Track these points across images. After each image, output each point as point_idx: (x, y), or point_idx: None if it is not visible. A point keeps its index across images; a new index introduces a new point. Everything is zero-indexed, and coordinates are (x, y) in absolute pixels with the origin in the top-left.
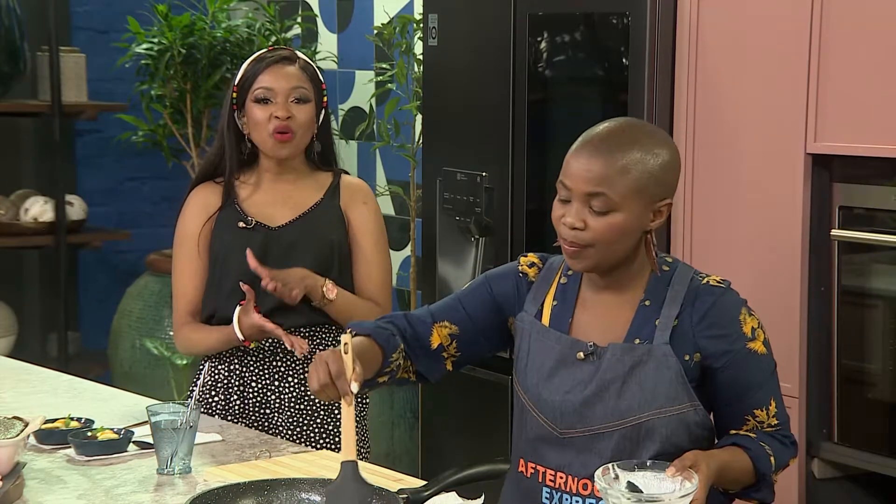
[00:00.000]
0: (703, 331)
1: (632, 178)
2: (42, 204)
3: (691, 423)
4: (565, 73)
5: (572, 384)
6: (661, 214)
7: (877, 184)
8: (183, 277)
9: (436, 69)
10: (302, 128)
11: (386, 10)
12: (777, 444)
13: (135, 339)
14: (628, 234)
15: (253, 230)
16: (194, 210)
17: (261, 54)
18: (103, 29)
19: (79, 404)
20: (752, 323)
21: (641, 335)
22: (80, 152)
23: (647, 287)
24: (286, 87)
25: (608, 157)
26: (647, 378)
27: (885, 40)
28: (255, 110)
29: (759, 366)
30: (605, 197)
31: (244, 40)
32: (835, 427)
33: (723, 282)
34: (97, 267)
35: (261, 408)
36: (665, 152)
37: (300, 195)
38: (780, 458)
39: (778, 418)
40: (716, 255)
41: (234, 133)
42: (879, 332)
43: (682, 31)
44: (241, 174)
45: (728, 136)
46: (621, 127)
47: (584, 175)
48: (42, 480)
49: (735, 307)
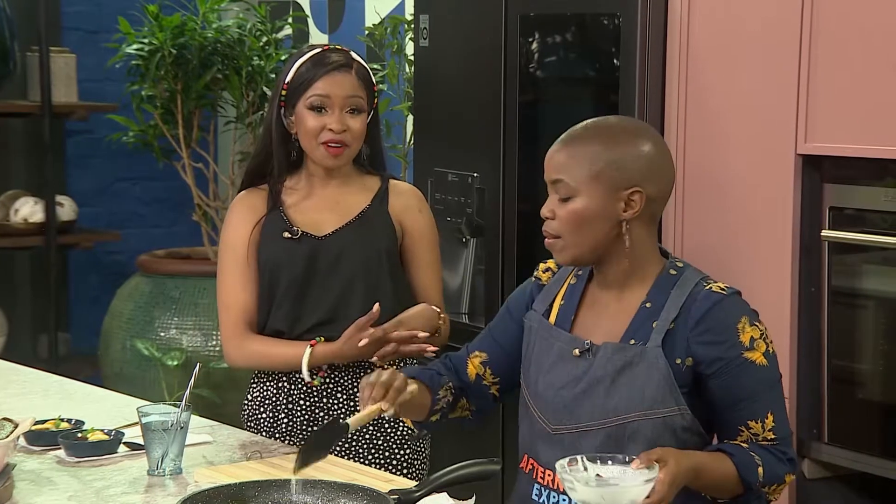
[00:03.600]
0: (697, 336)
1: (587, 164)
2: (32, 205)
3: (678, 428)
4: (556, 74)
5: (566, 380)
6: (633, 204)
7: (867, 184)
8: (234, 287)
9: (427, 70)
10: (355, 139)
11: (377, 10)
12: (770, 457)
13: (125, 339)
14: (593, 221)
15: (299, 241)
16: (241, 216)
17: (317, 55)
18: (94, 29)
19: (69, 405)
20: (752, 333)
21: (637, 336)
22: (70, 153)
23: (651, 289)
24: (342, 96)
25: (569, 147)
26: (635, 379)
27: (875, 41)
28: (308, 118)
29: (754, 377)
30: (564, 183)
31: (235, 41)
32: (825, 427)
33: (727, 289)
34: (88, 268)
35: (309, 425)
36: (633, 144)
37: (347, 200)
38: (771, 471)
39: (776, 433)
40: (707, 256)
41: (280, 133)
42: (870, 332)
43: (673, 32)
44: (287, 177)
45: (718, 137)
46: (591, 121)
47: (550, 164)
48: (32, 482)
49: (734, 315)
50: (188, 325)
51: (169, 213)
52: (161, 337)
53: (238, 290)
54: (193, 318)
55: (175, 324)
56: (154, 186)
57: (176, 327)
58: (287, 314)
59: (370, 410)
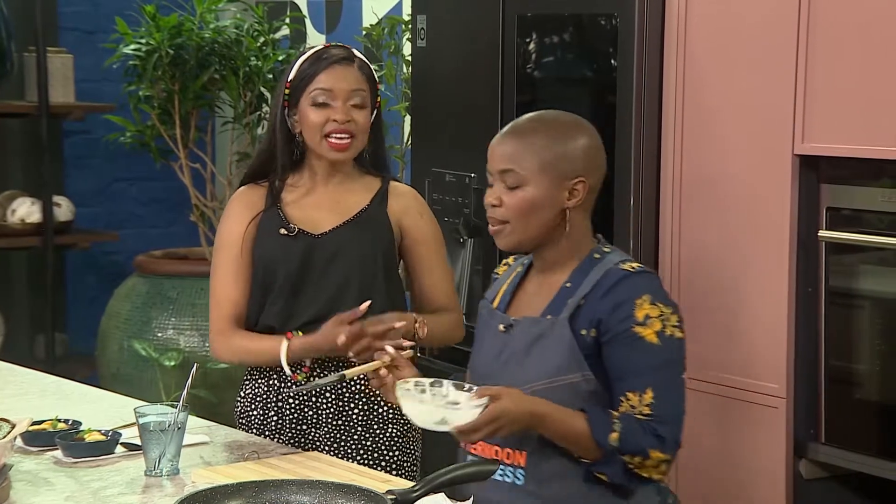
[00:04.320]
0: (600, 306)
1: (537, 155)
2: (29, 205)
3: (583, 392)
4: (554, 75)
5: (493, 354)
6: (577, 193)
7: (864, 185)
8: (226, 282)
9: (424, 70)
10: (361, 132)
11: (374, 11)
12: (635, 426)
13: (122, 340)
14: (540, 209)
15: (295, 238)
16: (237, 211)
17: (318, 52)
18: (91, 29)
19: (66, 406)
20: (649, 311)
21: (552, 311)
22: (67, 153)
23: (574, 270)
24: (346, 90)
25: (517, 138)
26: (545, 349)
27: (872, 41)
28: (311, 112)
29: (641, 352)
30: (513, 172)
31: (232, 41)
32: (822, 427)
33: (639, 268)
34: (85, 268)
35: (297, 424)
36: (576, 137)
37: (347, 199)
38: (631, 440)
39: (653, 410)
40: (704, 257)
41: (284, 133)
42: (867, 332)
43: (671, 32)
44: (288, 175)
45: (716, 138)
46: (534, 115)
47: (498, 155)
48: (29, 482)
49: (636, 290)
50: (185, 326)
51: (166, 214)
52: (158, 337)
53: (229, 286)
54: (191, 318)
55: (172, 324)
56: (151, 187)
57: (173, 328)
58: (280, 311)
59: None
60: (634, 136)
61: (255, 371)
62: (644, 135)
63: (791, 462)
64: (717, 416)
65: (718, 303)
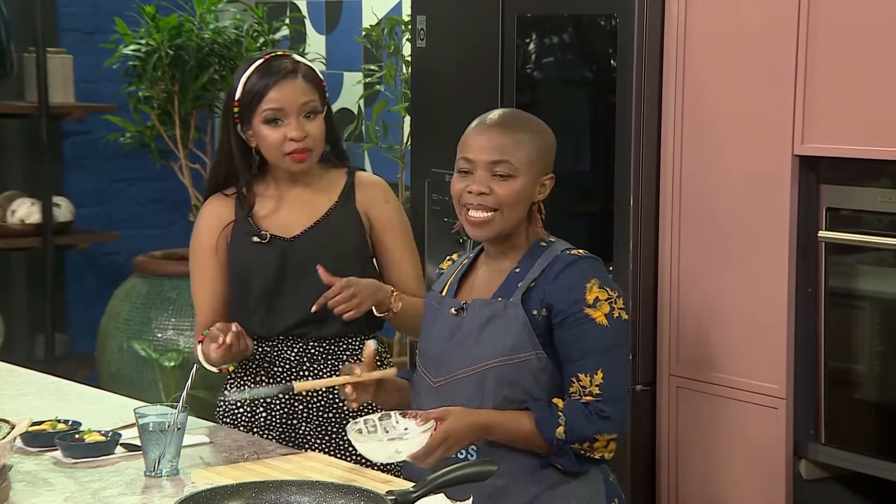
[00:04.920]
0: (551, 289)
1: (526, 150)
2: (29, 205)
3: (535, 370)
4: (553, 75)
5: (444, 337)
6: (545, 188)
7: (863, 185)
8: (203, 292)
9: (424, 71)
10: (317, 143)
11: (374, 11)
12: (579, 416)
13: (122, 341)
14: (524, 201)
15: (268, 244)
16: (208, 222)
17: (261, 67)
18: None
19: (66, 406)
20: (598, 294)
21: (503, 294)
22: (67, 153)
23: (522, 257)
24: (296, 104)
25: (506, 132)
26: (498, 329)
27: (872, 42)
28: (266, 131)
29: (592, 333)
30: (507, 163)
31: (232, 42)
32: (822, 428)
33: (585, 254)
34: (84, 269)
35: (288, 419)
36: (545, 136)
37: (315, 200)
38: (577, 430)
39: (602, 389)
40: (703, 257)
41: (240, 149)
42: (866, 333)
43: (670, 33)
44: (254, 185)
45: (715, 138)
46: (510, 112)
47: (487, 146)
48: (29, 483)
49: (585, 274)
50: (185, 326)
51: (166, 214)
52: (158, 338)
53: (208, 293)
54: (190, 318)
55: (172, 325)
56: (151, 187)
57: (173, 328)
58: (263, 319)
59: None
60: (634, 137)
61: (240, 374)
62: (644, 135)
63: (791, 462)
64: (717, 416)
65: (718, 303)
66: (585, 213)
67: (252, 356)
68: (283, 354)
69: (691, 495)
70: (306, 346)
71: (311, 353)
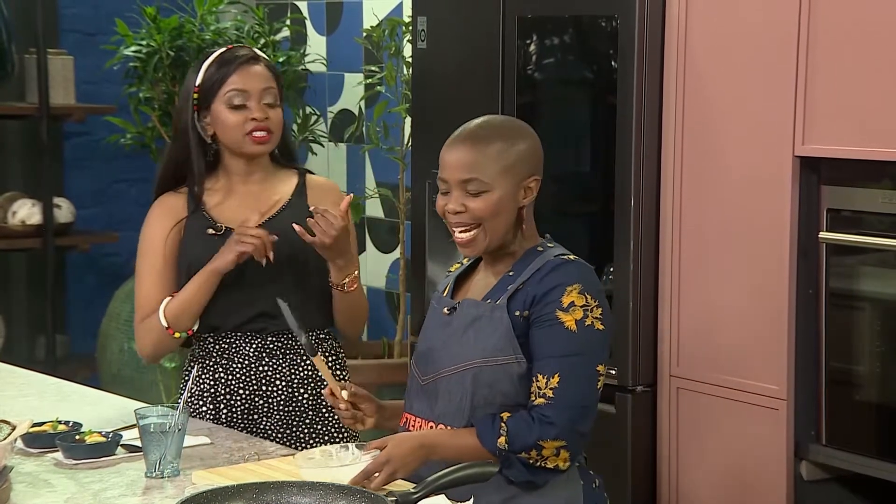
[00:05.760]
0: (535, 290)
1: (498, 161)
2: (30, 206)
3: (515, 375)
4: (554, 76)
5: (436, 336)
6: (531, 191)
7: (864, 186)
8: (147, 287)
9: (425, 72)
10: (277, 128)
11: (375, 12)
12: (522, 423)
13: (123, 341)
14: (505, 210)
15: (223, 236)
16: (158, 219)
17: (223, 54)
18: (91, 31)
19: (66, 407)
20: (576, 299)
21: (493, 297)
22: (67, 154)
23: (517, 261)
24: (259, 88)
25: (475, 147)
26: (482, 330)
27: (872, 43)
28: (228, 113)
29: (558, 337)
30: (477, 181)
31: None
32: (823, 429)
33: (574, 259)
34: (85, 269)
35: (249, 414)
36: (525, 138)
37: (267, 196)
38: (519, 439)
39: (554, 394)
40: (704, 258)
41: (196, 139)
42: (867, 334)
43: (671, 34)
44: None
45: (716, 139)
46: (483, 122)
47: (457, 165)
48: (29, 484)
49: (567, 278)
50: None
51: None
52: None
53: (153, 291)
54: None
55: None
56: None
57: None
58: (220, 310)
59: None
60: (635, 138)
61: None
62: (644, 136)
63: (791, 463)
64: (718, 417)
65: (719, 304)
66: (586, 214)
67: (209, 352)
68: (241, 350)
69: (692, 496)
70: (265, 341)
71: (270, 349)
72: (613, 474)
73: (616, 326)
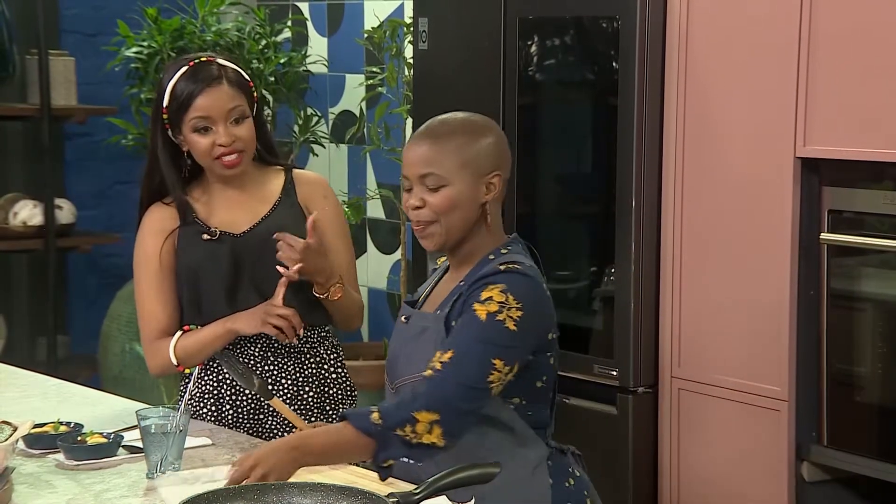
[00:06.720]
0: (465, 295)
1: (455, 155)
2: (31, 208)
3: None
4: (555, 77)
5: (396, 343)
6: (493, 187)
7: (866, 187)
8: (149, 301)
9: (426, 73)
10: (247, 145)
11: (376, 13)
12: (400, 400)
13: (124, 342)
14: (464, 205)
15: (219, 241)
16: (150, 234)
17: (186, 74)
18: (92, 32)
19: (68, 408)
20: (494, 295)
21: (442, 307)
22: (69, 156)
23: (471, 269)
24: (223, 111)
25: (432, 142)
26: (427, 342)
27: (873, 45)
28: (196, 138)
29: (467, 323)
30: (434, 175)
31: (234, 44)
32: (824, 430)
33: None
34: (86, 270)
35: (255, 414)
36: (487, 134)
37: (257, 198)
38: (394, 412)
39: (443, 367)
40: (706, 259)
41: (170, 153)
42: (868, 335)
43: (672, 35)
44: (189, 190)
45: (717, 140)
46: (444, 118)
47: (415, 160)
48: (31, 485)
49: (492, 279)
50: None
51: None
52: None
53: (153, 301)
54: None
55: None
56: None
57: None
58: (220, 315)
59: None
60: (636, 139)
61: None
62: (646, 137)
63: (793, 464)
64: (719, 418)
65: (720, 305)
66: (587, 215)
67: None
68: (246, 350)
69: (693, 497)
70: (269, 340)
71: (275, 348)
72: (615, 475)
73: (617, 327)
